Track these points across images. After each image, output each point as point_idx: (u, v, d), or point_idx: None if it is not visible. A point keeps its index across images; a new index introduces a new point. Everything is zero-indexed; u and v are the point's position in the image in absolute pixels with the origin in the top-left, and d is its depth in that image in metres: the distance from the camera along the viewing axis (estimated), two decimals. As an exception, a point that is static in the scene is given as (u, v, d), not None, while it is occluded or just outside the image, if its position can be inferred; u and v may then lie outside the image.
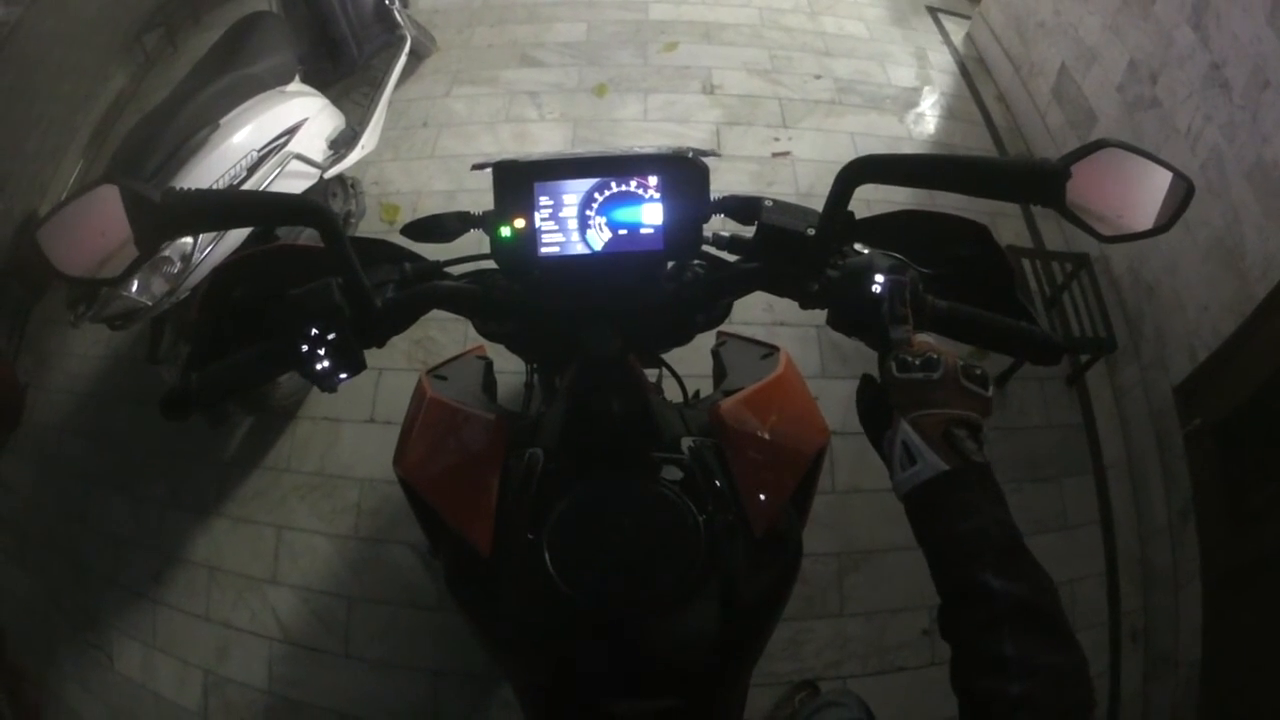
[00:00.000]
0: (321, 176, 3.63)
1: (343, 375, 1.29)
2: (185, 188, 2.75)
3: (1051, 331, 1.29)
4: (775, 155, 4.20)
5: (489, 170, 1.35)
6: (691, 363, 1.94)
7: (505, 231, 1.35)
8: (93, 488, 3.49)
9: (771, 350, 1.86)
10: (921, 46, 5.05)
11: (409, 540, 3.01)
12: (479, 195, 1.45)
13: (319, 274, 1.31)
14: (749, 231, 1.38)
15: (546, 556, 1.34)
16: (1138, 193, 1.14)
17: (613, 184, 1.33)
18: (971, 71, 4.83)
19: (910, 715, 2.78)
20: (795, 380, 1.73)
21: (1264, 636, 2.34)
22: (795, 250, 1.33)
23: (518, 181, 1.33)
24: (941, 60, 4.96)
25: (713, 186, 1.34)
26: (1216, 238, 2.85)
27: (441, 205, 3.92)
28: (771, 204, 1.38)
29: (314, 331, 1.27)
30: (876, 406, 1.22)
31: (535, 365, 2.35)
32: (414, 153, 4.46)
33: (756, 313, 2.76)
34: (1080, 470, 3.16)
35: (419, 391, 1.74)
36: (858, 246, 1.37)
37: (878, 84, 4.70)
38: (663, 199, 1.33)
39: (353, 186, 4.10)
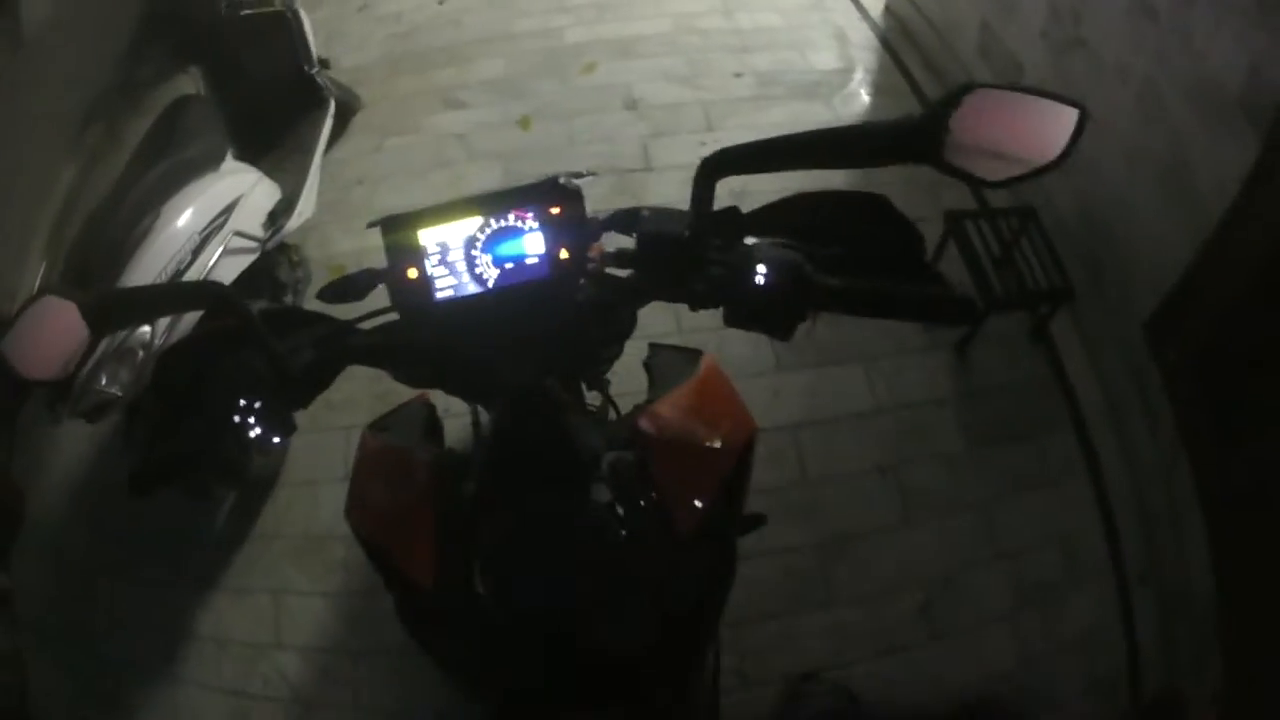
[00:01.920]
0: (264, 249, 3.65)
1: (275, 439, 1.33)
2: (114, 287, 2.97)
3: (961, 289, 1.25)
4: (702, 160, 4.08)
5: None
6: (631, 380, 1.94)
7: (402, 282, 1.42)
8: (99, 577, 3.46)
9: (695, 355, 1.87)
10: (840, 27, 5.01)
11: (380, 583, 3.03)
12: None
13: (241, 346, 1.37)
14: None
15: (479, 584, 1.40)
16: (1023, 131, 1.07)
17: (491, 221, 1.39)
18: (894, 43, 4.78)
19: (917, 694, 2.74)
20: (716, 380, 1.75)
21: (1271, 555, 2.30)
22: (673, 255, 1.36)
23: (405, 233, 1.39)
24: (862, 37, 4.92)
25: (645, 199, 1.34)
26: (1163, 166, 2.80)
27: (384, 261, 3.89)
28: (649, 213, 1.41)
29: (242, 402, 1.32)
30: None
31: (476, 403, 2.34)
32: (352, 211, 4.43)
33: (703, 317, 2.72)
34: (1058, 424, 3.11)
35: (360, 445, 1.76)
36: (750, 240, 1.36)
37: (800, 71, 4.68)
38: (541, 228, 1.40)
39: (296, 254, 4.12)
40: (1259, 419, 2.40)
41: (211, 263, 3.32)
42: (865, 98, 4.54)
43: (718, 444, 1.56)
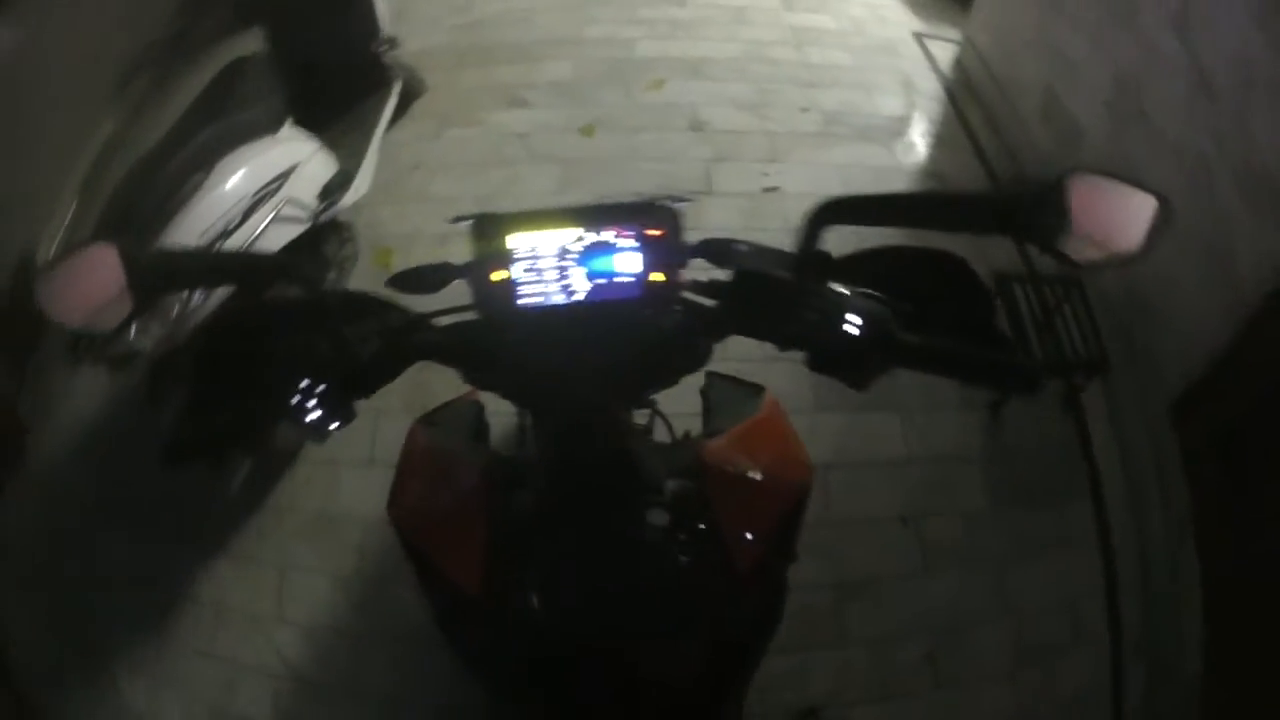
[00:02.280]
0: (314, 221, 3.66)
1: (333, 425, 1.31)
2: (175, 246, 2.91)
3: (1030, 361, 1.38)
4: (765, 190, 4.23)
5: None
6: (682, 401, 1.92)
7: (485, 283, 1.40)
8: (97, 527, 3.49)
9: (757, 390, 1.90)
10: (908, 73, 5.09)
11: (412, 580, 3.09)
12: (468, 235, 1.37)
13: (307, 326, 1.36)
14: (726, 275, 1.41)
15: (533, 596, 1.40)
16: (1112, 217, 1.12)
17: (589, 234, 1.37)
18: (959, 96, 4.86)
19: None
20: (779, 420, 1.77)
21: (1264, 646, 2.36)
22: (768, 294, 1.35)
23: (496, 235, 1.38)
24: (929, 86, 5.01)
25: (703, 224, 1.40)
26: (1207, 247, 2.84)
27: (434, 249, 3.98)
28: (746, 247, 1.44)
29: (303, 384, 1.29)
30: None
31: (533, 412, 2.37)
32: (406, 196, 4.49)
33: (751, 347, 2.84)
34: (1078, 493, 3.17)
35: (408, 438, 1.79)
36: (835, 286, 1.35)
37: (865, 114, 4.75)
38: (639, 247, 1.38)
39: (346, 231, 4.10)
40: (1271, 509, 2.45)
41: (260, 229, 3.34)
42: (925, 148, 4.60)
43: (779, 483, 1.60)
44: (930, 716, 2.81)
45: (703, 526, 1.47)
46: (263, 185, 3.40)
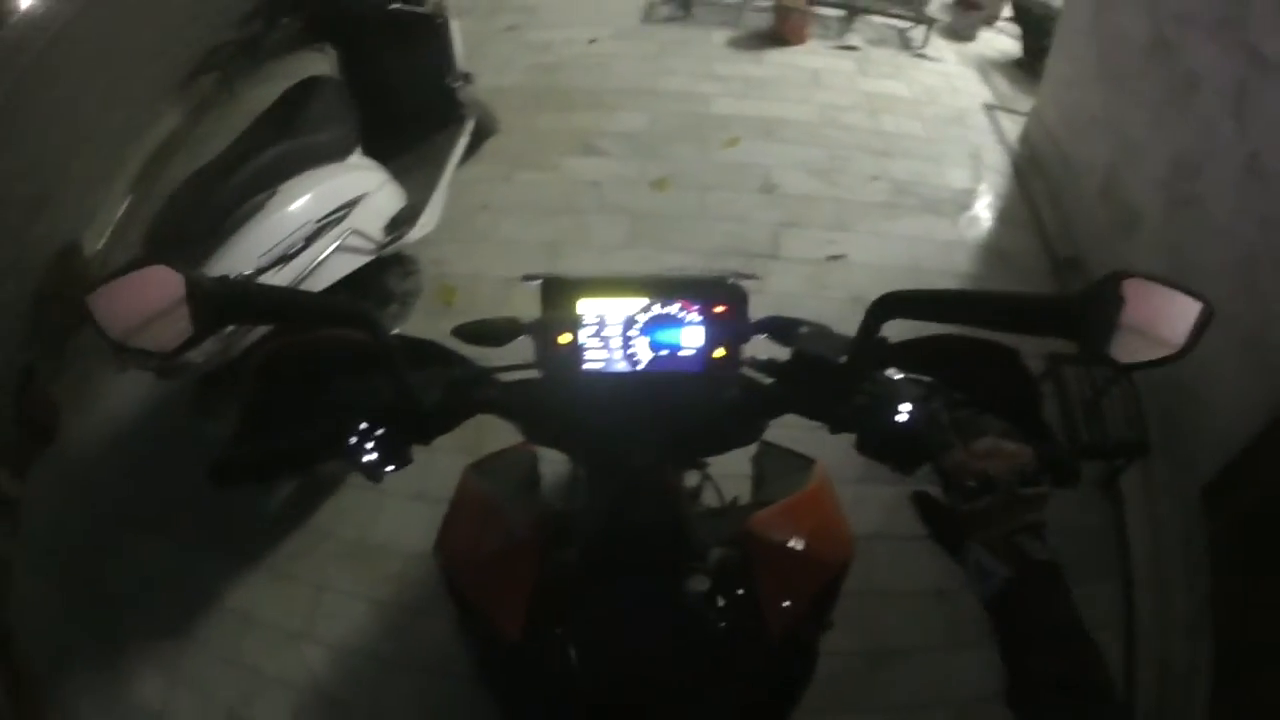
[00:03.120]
0: (379, 253, 3.77)
1: (389, 468, 1.42)
2: (240, 275, 3.01)
3: (1069, 454, 1.38)
4: (830, 258, 4.39)
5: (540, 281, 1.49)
6: (733, 463, 1.97)
7: (551, 345, 1.48)
8: (125, 519, 3.64)
9: (808, 463, 1.98)
10: (977, 146, 5.29)
11: (449, 614, 3.18)
12: (535, 291, 1.49)
13: (367, 365, 1.44)
14: (785, 352, 1.49)
15: (572, 651, 1.48)
16: (1156, 319, 1.18)
17: (656, 306, 1.46)
18: (1025, 171, 5.00)
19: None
20: (827, 495, 1.85)
21: None
22: (826, 377, 1.43)
23: (565, 298, 1.47)
24: (996, 160, 5.18)
25: (768, 289, 1.46)
26: (1249, 336, 2.90)
27: (499, 291, 4.19)
28: (807, 329, 1.50)
29: (363, 426, 1.39)
30: (948, 529, 1.31)
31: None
32: (474, 236, 4.68)
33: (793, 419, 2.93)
34: (1109, 575, 3.28)
35: (462, 483, 1.89)
36: (890, 371, 1.46)
37: (933, 186, 4.92)
38: (703, 323, 1.46)
39: (410, 265, 4.18)
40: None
41: (322, 256, 3.41)
42: (991, 223, 4.74)
43: (820, 558, 1.67)
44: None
45: (741, 593, 1.54)
46: (328, 212, 3.49)
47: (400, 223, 3.92)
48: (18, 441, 3.88)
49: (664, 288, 1.48)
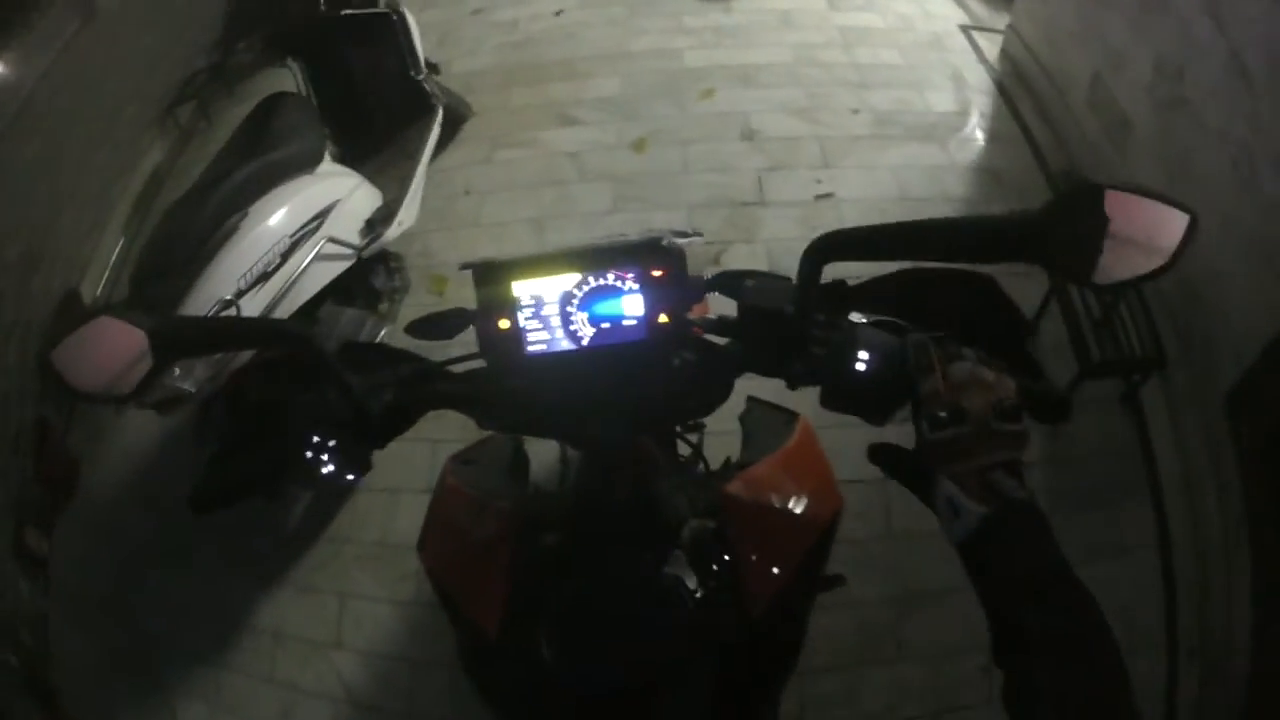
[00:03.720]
0: (360, 257, 3.82)
1: (349, 477, 1.48)
2: (220, 300, 3.17)
3: (1058, 389, 1.32)
4: (818, 198, 4.34)
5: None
6: (726, 422, 2.00)
7: (492, 331, 1.44)
8: (152, 559, 3.67)
9: (791, 417, 1.91)
10: (957, 68, 5.21)
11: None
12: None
13: (318, 380, 1.43)
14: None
15: (544, 641, 1.42)
16: (1136, 233, 1.11)
17: (590, 279, 1.40)
18: (1009, 88, 4.94)
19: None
20: (810, 449, 1.81)
21: None
22: (776, 330, 1.37)
23: (498, 282, 1.42)
24: (979, 80, 5.12)
25: (759, 236, 1.40)
26: (1254, 236, 2.85)
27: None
28: (754, 282, 1.42)
29: (315, 439, 1.40)
30: (915, 467, 1.24)
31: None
32: (459, 221, 4.69)
33: None
34: (1137, 492, 3.22)
35: (441, 478, 1.86)
36: (855, 316, 1.38)
37: (918, 112, 4.87)
38: (641, 289, 1.40)
39: (395, 261, 4.28)
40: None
41: (301, 268, 3.45)
42: (980, 143, 4.70)
43: (802, 517, 1.63)
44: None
45: (717, 569, 1.48)
46: (302, 224, 3.51)
47: (377, 223, 3.96)
48: (41, 499, 3.89)
49: (596, 258, 1.42)
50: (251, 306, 3.29)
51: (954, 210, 4.21)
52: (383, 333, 4.04)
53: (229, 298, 3.19)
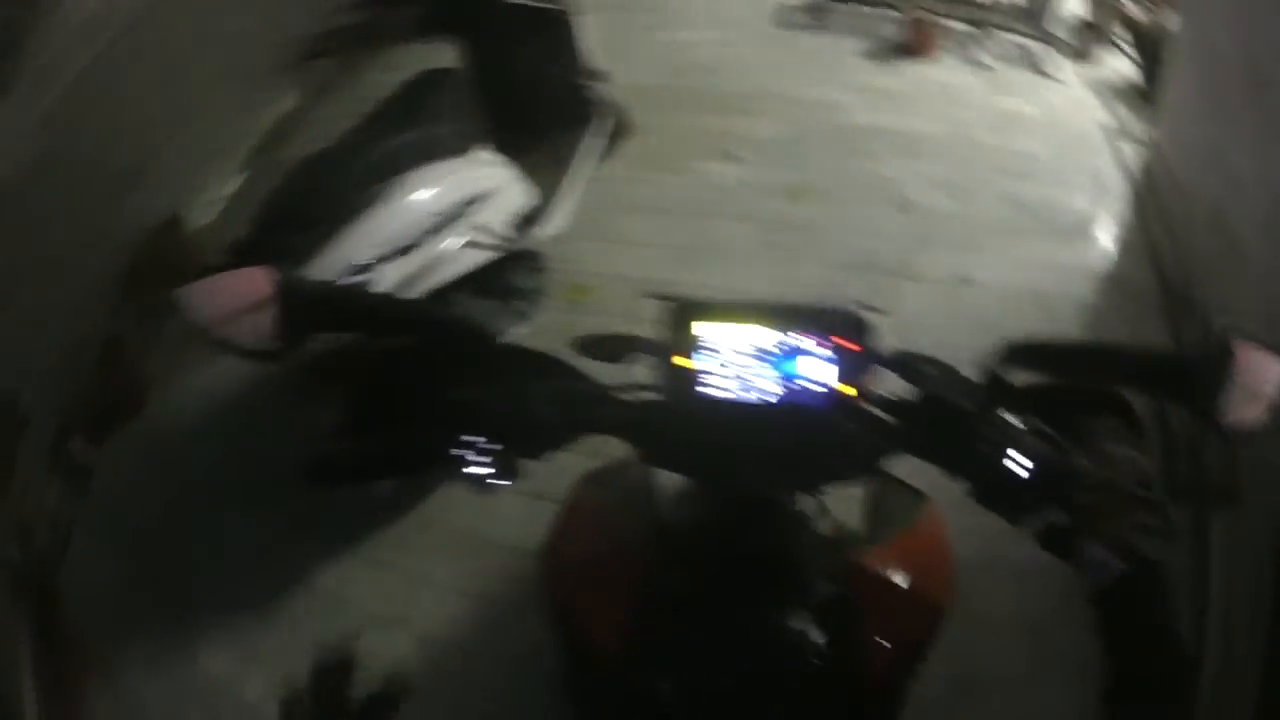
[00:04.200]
0: (505, 251, 3.78)
1: (497, 482, 1.40)
2: (352, 266, 3.08)
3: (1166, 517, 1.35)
4: (959, 282, 4.41)
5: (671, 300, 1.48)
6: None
7: (672, 368, 1.47)
8: (213, 495, 3.74)
9: (920, 498, 1.87)
10: (1098, 170, 5.16)
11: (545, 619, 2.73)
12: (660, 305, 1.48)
13: (485, 379, 1.43)
14: (904, 388, 1.49)
15: (665, 674, 1.48)
16: (1264, 384, 1.20)
17: (780, 336, 1.43)
18: (1143, 198, 4.90)
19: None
20: (938, 534, 1.81)
21: None
22: (947, 422, 1.41)
23: (687, 320, 1.45)
24: (1115, 185, 5.06)
25: (898, 311, 1.55)
26: None
27: (629, 295, 3.86)
28: (935, 371, 1.47)
29: (472, 438, 1.38)
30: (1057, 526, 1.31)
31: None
32: (605, 236, 4.77)
33: None
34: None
35: (575, 493, 1.87)
36: (1009, 418, 1.41)
37: (1058, 209, 4.84)
38: (827, 356, 1.44)
39: (537, 263, 4.14)
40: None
41: (443, 249, 3.44)
42: (1109, 249, 4.67)
43: (927, 604, 1.64)
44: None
45: (843, 636, 1.50)
46: (451, 206, 3.51)
47: (527, 220, 3.98)
48: (97, 411, 4.00)
49: (793, 317, 1.46)
50: (386, 278, 3.29)
51: (1080, 314, 4.27)
52: (513, 334, 3.85)
53: (364, 263, 3.22)
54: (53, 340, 3.93)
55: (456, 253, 3.54)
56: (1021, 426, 1.40)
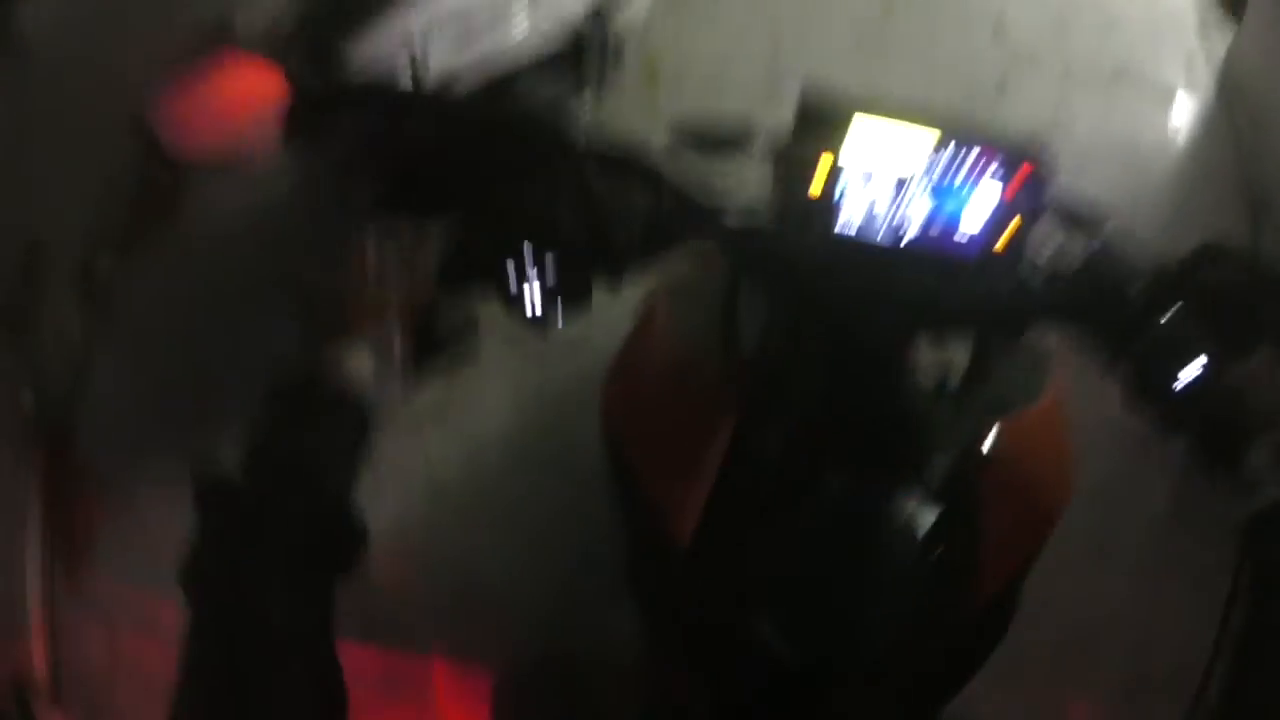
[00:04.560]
0: (580, 31, 3.39)
1: (562, 307, 1.18)
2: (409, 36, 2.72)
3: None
4: (1050, 123, 4.24)
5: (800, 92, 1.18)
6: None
7: (798, 194, 1.20)
8: (256, 308, 3.42)
9: (1043, 364, 1.59)
10: (1191, 52, 4.95)
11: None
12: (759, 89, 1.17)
13: (556, 185, 1.19)
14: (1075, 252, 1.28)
15: (740, 578, 1.31)
16: None
17: (950, 151, 1.18)
18: (1228, 96, 4.79)
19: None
20: (1059, 418, 1.59)
21: None
22: (1110, 308, 1.24)
23: (830, 122, 1.16)
24: (1203, 73, 4.89)
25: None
26: None
27: (712, 73, 4.07)
28: (1105, 241, 1.27)
29: (534, 249, 1.15)
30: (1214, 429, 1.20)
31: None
32: (686, 11, 4.38)
33: None
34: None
35: (646, 306, 1.62)
36: (1177, 312, 1.22)
37: (1148, 75, 4.73)
38: (1002, 187, 1.20)
39: (613, 43, 3.66)
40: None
41: (510, 25, 3.07)
42: (1195, 130, 4.61)
43: (1052, 498, 1.50)
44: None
45: (963, 527, 1.34)
46: None
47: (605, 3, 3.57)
48: (126, 218, 3.66)
49: (964, 127, 1.20)
50: (439, 50, 2.87)
51: (1168, 181, 4.33)
52: (583, 122, 3.35)
53: (416, 31, 2.81)
54: (87, 171, 3.50)
55: (526, 30, 3.16)
56: (1199, 318, 1.21)
